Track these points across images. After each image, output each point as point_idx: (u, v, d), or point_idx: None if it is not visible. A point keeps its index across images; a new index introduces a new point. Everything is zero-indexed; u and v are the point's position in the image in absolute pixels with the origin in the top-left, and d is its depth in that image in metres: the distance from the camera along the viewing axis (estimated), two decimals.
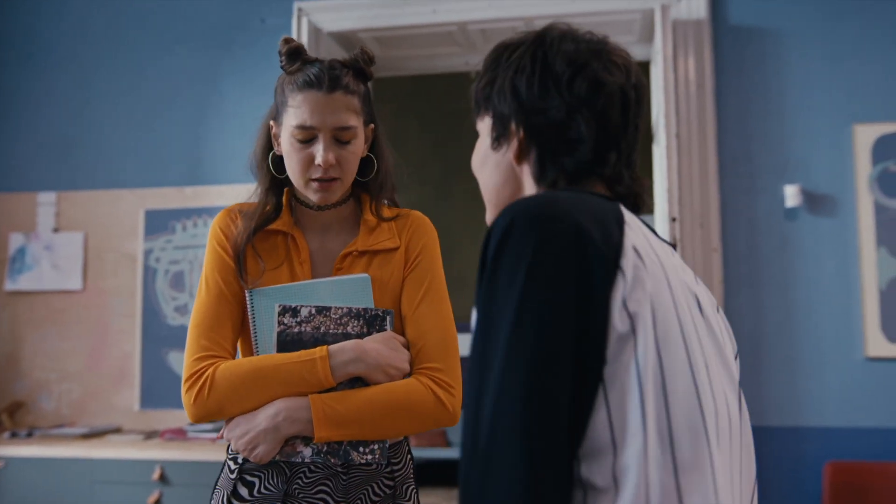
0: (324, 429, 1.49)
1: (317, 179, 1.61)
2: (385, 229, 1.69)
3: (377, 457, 1.56)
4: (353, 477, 1.59)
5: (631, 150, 1.11)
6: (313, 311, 1.56)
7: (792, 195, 3.34)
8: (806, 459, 3.29)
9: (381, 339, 1.57)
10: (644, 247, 0.95)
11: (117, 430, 3.77)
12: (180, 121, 3.97)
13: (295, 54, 1.63)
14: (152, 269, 3.91)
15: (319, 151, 1.58)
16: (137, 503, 3.23)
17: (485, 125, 1.16)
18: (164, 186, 3.94)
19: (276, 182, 1.69)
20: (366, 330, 1.58)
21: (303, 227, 1.69)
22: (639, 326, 0.90)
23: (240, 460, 1.59)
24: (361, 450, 1.55)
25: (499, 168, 1.14)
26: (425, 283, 1.65)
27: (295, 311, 1.56)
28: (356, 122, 1.62)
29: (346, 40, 3.85)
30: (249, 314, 1.58)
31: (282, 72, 1.65)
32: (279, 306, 1.56)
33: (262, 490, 1.56)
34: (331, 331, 1.57)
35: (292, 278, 1.62)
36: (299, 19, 3.76)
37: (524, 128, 1.09)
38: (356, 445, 1.55)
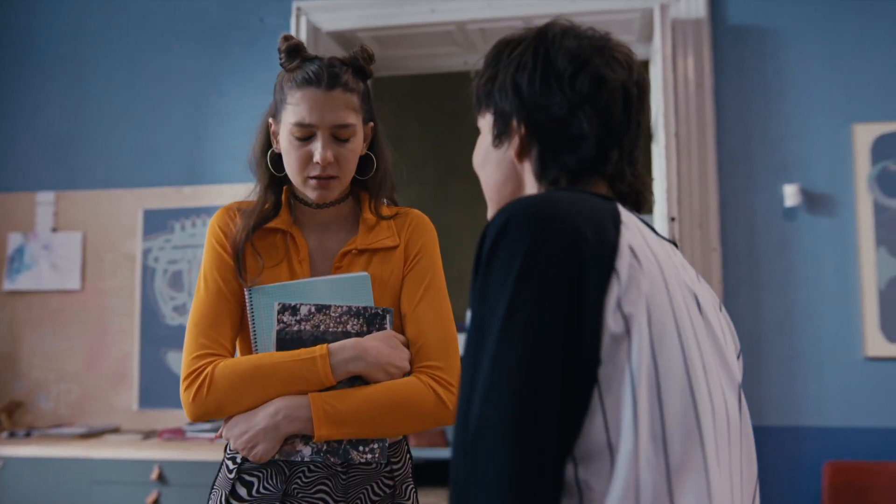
0: (324, 427, 1.48)
1: (315, 177, 1.60)
2: (384, 227, 1.68)
3: (377, 456, 1.55)
4: (353, 476, 1.58)
5: (633, 148, 1.10)
6: (313, 309, 1.56)
7: (791, 195, 3.34)
8: (805, 459, 3.29)
9: (381, 337, 1.56)
10: (641, 246, 0.95)
11: (116, 430, 3.76)
12: (179, 120, 3.96)
13: (294, 51, 1.62)
14: (151, 269, 3.90)
15: (318, 149, 1.58)
16: (136, 503, 3.23)
17: (486, 122, 1.15)
18: (162, 186, 3.93)
19: (275, 180, 1.69)
20: (365, 328, 1.57)
21: (302, 226, 1.69)
22: (633, 328, 0.89)
23: (238, 460, 1.58)
24: (361, 449, 1.54)
25: (500, 165, 1.13)
26: (425, 282, 1.64)
27: (294, 310, 1.55)
28: (355, 120, 1.61)
29: (345, 40, 3.84)
30: (248, 312, 1.58)
31: (281, 69, 1.65)
32: (278, 304, 1.55)
33: (261, 490, 1.55)
34: (330, 329, 1.56)
35: (291, 276, 1.61)
36: (298, 18, 3.76)
37: (525, 125, 1.08)
38: (356, 444, 1.54)
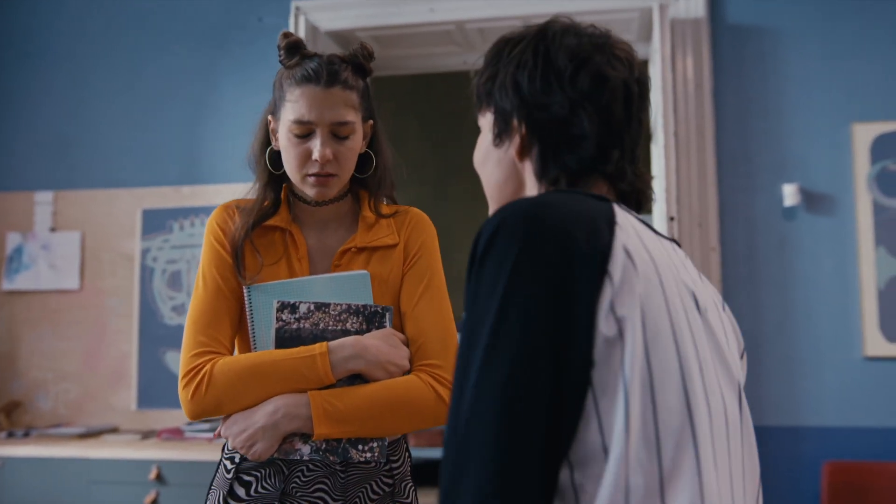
0: (323, 425, 1.47)
1: (314, 174, 1.59)
2: (384, 226, 1.67)
3: (376, 455, 1.54)
4: (352, 475, 1.57)
5: (634, 146, 1.10)
6: (312, 307, 1.55)
7: (790, 194, 3.34)
8: (804, 459, 3.28)
9: (381, 335, 1.55)
10: (636, 247, 0.94)
11: (114, 430, 3.75)
12: (178, 120, 3.96)
13: (294, 48, 1.62)
14: (149, 269, 3.89)
15: (317, 146, 1.57)
16: (134, 503, 3.22)
17: (486, 121, 1.14)
18: (161, 186, 3.93)
19: (273, 177, 1.68)
20: (365, 326, 1.57)
21: (301, 223, 1.68)
22: (626, 331, 0.89)
23: (237, 459, 1.57)
24: (360, 447, 1.54)
25: (501, 165, 1.12)
26: (424, 280, 1.64)
27: (293, 308, 1.54)
28: (354, 118, 1.61)
29: (344, 39, 3.84)
30: (247, 310, 1.57)
31: (280, 67, 1.64)
32: (277, 302, 1.54)
33: (259, 489, 1.55)
34: (329, 327, 1.55)
35: (290, 274, 1.61)
36: (297, 18, 3.76)
37: (526, 124, 1.08)
38: (355, 443, 1.53)
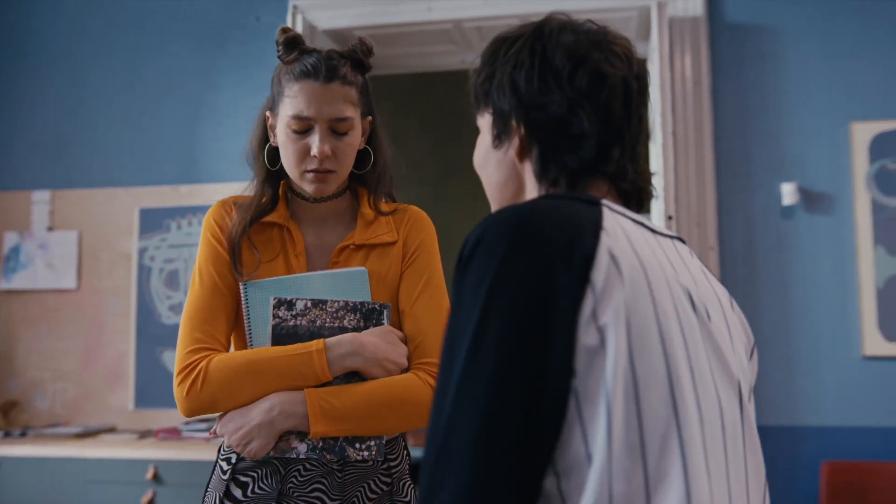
0: (320, 423, 1.46)
1: (312, 171, 1.58)
2: (383, 223, 1.66)
3: (374, 453, 1.53)
4: (349, 474, 1.56)
5: (635, 143, 1.09)
6: (309, 304, 1.54)
7: (789, 193, 3.34)
8: (803, 459, 3.28)
9: (379, 332, 1.54)
10: (623, 252, 0.93)
11: (112, 430, 3.75)
12: (175, 119, 3.95)
13: (292, 44, 1.60)
14: (147, 268, 3.89)
15: (315, 142, 1.56)
16: (131, 503, 3.21)
17: (485, 122, 1.13)
18: (158, 185, 3.92)
19: (272, 174, 1.67)
20: (362, 324, 1.55)
21: (299, 220, 1.67)
22: (608, 339, 0.88)
23: (233, 460, 1.56)
24: (358, 446, 1.52)
25: (501, 166, 1.11)
26: (423, 278, 1.62)
27: (290, 304, 1.53)
28: (353, 114, 1.60)
29: (342, 38, 3.83)
30: (244, 307, 1.56)
31: (279, 63, 1.63)
32: (274, 299, 1.53)
33: (256, 490, 1.53)
34: (327, 324, 1.54)
35: (288, 271, 1.60)
36: (294, 17, 3.75)
37: (525, 124, 1.06)
38: (352, 441, 1.52)
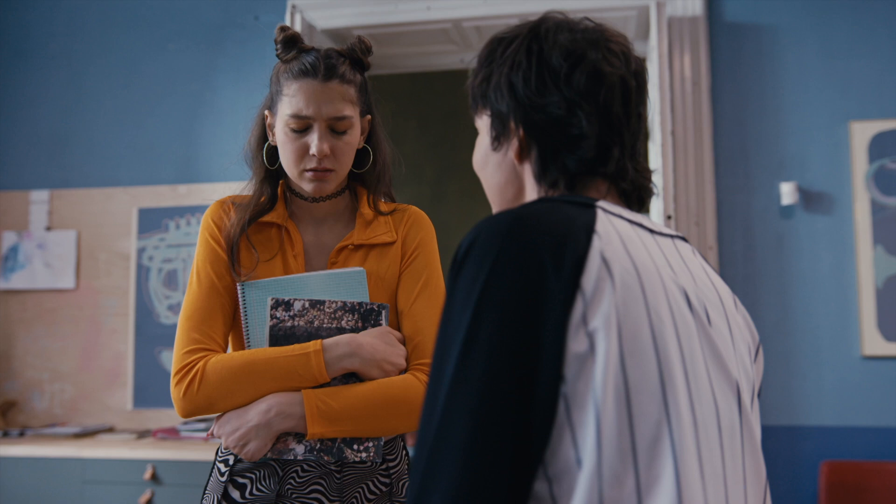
0: (317, 425, 1.46)
1: (311, 170, 1.58)
2: (381, 223, 1.66)
3: (372, 454, 1.52)
4: (347, 475, 1.56)
5: (634, 141, 1.08)
6: (307, 304, 1.53)
7: (788, 193, 3.33)
8: (802, 459, 3.28)
9: (377, 333, 1.53)
10: (615, 255, 0.92)
11: (110, 430, 3.74)
12: (174, 118, 3.94)
13: (291, 42, 1.60)
14: (145, 268, 3.88)
15: (314, 141, 1.55)
16: (129, 503, 3.21)
17: (483, 123, 1.13)
18: (157, 184, 3.92)
19: (270, 173, 1.66)
20: (360, 324, 1.55)
21: (297, 220, 1.66)
22: (598, 344, 0.87)
23: (231, 462, 1.55)
24: (356, 447, 1.52)
25: (500, 168, 1.11)
26: (422, 278, 1.62)
27: (288, 305, 1.53)
28: (352, 112, 1.59)
29: (340, 37, 3.83)
30: (241, 307, 1.55)
31: (277, 62, 1.62)
32: (272, 300, 1.52)
33: (254, 492, 1.53)
34: (324, 325, 1.53)
35: (286, 271, 1.59)
36: (293, 16, 3.75)
37: (523, 126, 1.06)
38: (350, 443, 1.51)
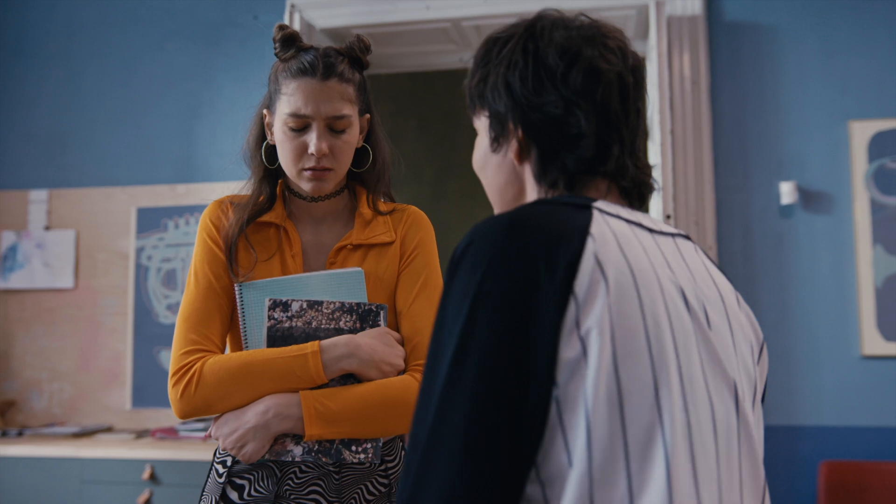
0: (315, 426, 1.45)
1: (310, 169, 1.57)
2: (380, 223, 1.65)
3: (370, 456, 1.52)
4: (346, 476, 1.55)
5: (634, 137, 1.07)
6: (304, 305, 1.52)
7: (787, 192, 3.33)
8: (801, 458, 3.27)
9: (375, 334, 1.53)
10: (610, 257, 0.92)
11: (108, 430, 3.74)
12: (172, 118, 3.94)
13: (289, 41, 1.59)
14: (144, 268, 3.88)
15: (313, 140, 1.55)
16: (128, 503, 3.20)
17: (482, 124, 1.12)
18: (156, 184, 3.91)
19: (269, 173, 1.65)
20: (359, 325, 1.54)
21: (296, 220, 1.66)
22: (590, 348, 0.87)
23: (228, 463, 1.55)
24: (354, 448, 1.51)
25: (500, 169, 1.10)
26: (421, 279, 1.61)
27: (286, 306, 1.52)
28: (351, 111, 1.58)
29: (339, 37, 3.82)
30: (239, 308, 1.54)
31: (276, 60, 1.62)
32: (269, 300, 1.52)
33: (253, 493, 1.52)
34: (322, 326, 1.52)
35: (284, 271, 1.59)
36: (291, 15, 3.74)
37: (522, 126, 1.05)
38: (348, 444, 1.51)
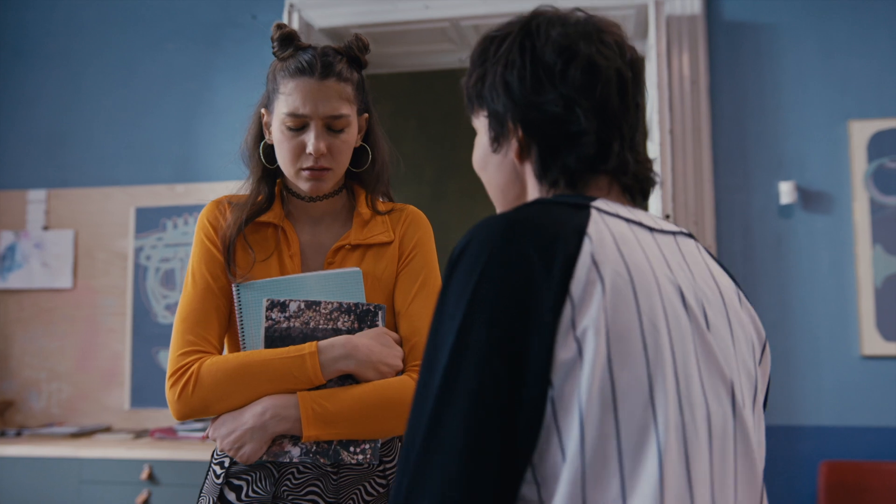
0: (312, 427, 1.45)
1: (308, 168, 1.56)
2: (379, 223, 1.64)
3: (368, 457, 1.52)
4: (344, 477, 1.55)
5: (633, 133, 1.06)
6: (302, 305, 1.52)
7: (787, 192, 3.32)
8: (801, 459, 3.27)
9: (373, 334, 1.52)
10: (608, 256, 0.91)
11: (107, 430, 3.73)
12: (171, 118, 3.94)
13: (287, 40, 1.58)
14: (143, 267, 3.87)
15: (311, 140, 1.54)
16: (126, 503, 3.20)
17: (481, 123, 1.11)
18: (155, 184, 3.91)
19: (267, 172, 1.65)
20: (357, 325, 1.54)
21: (294, 219, 1.65)
22: (585, 349, 0.87)
23: (226, 464, 1.54)
24: (352, 449, 1.51)
25: (501, 169, 1.09)
26: (420, 279, 1.61)
27: (283, 306, 1.51)
28: (349, 111, 1.58)
29: (338, 36, 3.81)
30: (236, 309, 1.54)
31: (274, 59, 1.61)
32: (267, 301, 1.51)
33: (250, 494, 1.52)
34: (320, 326, 1.52)
35: (282, 272, 1.58)
36: (290, 15, 3.74)
37: (522, 125, 1.04)
38: (346, 445, 1.50)
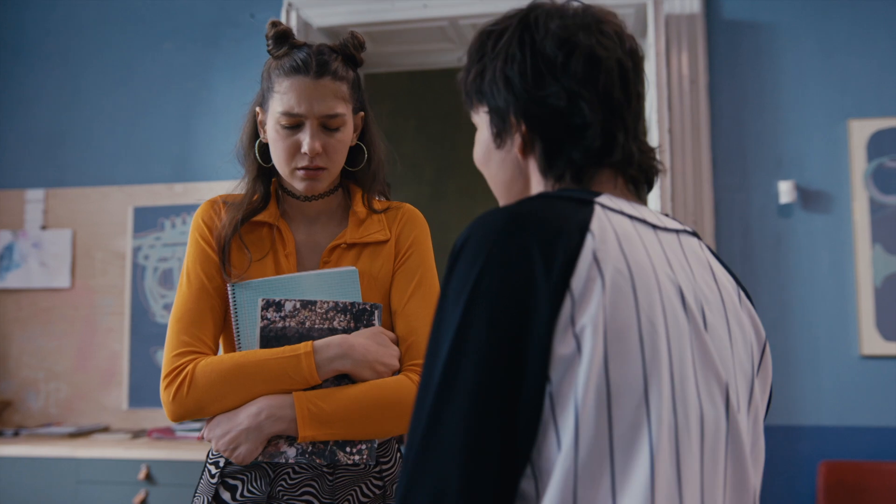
0: (308, 428, 1.44)
1: (303, 168, 1.55)
2: (375, 221, 1.64)
3: (365, 457, 1.51)
4: (340, 477, 1.54)
5: (636, 122, 1.05)
6: (298, 305, 1.51)
7: (786, 191, 3.32)
8: (800, 458, 3.27)
9: (369, 334, 1.51)
10: (609, 253, 0.91)
11: (105, 430, 3.73)
12: (169, 117, 3.93)
13: (282, 38, 1.58)
14: (141, 267, 3.87)
15: (306, 139, 1.53)
16: (124, 503, 3.19)
17: (481, 119, 1.10)
18: (153, 183, 3.90)
19: (263, 171, 1.64)
20: (353, 325, 1.53)
21: (289, 219, 1.64)
22: (584, 345, 0.87)
23: (221, 464, 1.53)
24: (348, 450, 1.50)
25: (504, 164, 1.08)
26: (416, 277, 1.60)
27: (279, 306, 1.51)
28: (344, 110, 1.57)
29: (336, 35, 3.79)
30: (231, 309, 1.53)
31: (269, 57, 1.61)
32: (262, 300, 1.50)
33: (245, 493, 1.51)
34: (316, 326, 1.51)
35: (277, 271, 1.57)
36: (288, 14, 3.73)
37: (525, 120, 1.03)
38: (343, 445, 1.49)
